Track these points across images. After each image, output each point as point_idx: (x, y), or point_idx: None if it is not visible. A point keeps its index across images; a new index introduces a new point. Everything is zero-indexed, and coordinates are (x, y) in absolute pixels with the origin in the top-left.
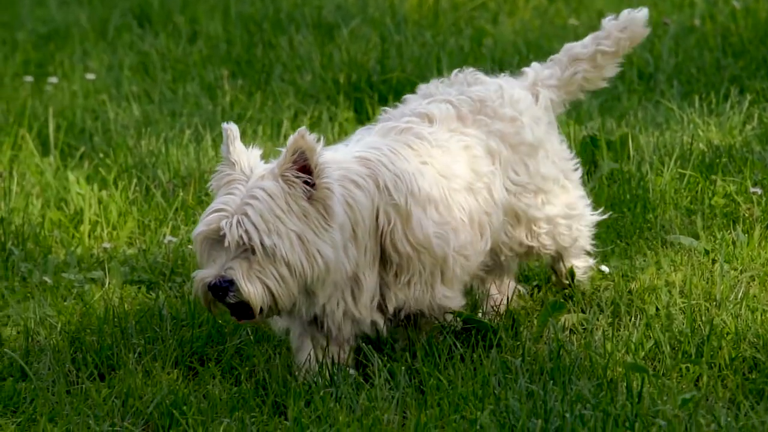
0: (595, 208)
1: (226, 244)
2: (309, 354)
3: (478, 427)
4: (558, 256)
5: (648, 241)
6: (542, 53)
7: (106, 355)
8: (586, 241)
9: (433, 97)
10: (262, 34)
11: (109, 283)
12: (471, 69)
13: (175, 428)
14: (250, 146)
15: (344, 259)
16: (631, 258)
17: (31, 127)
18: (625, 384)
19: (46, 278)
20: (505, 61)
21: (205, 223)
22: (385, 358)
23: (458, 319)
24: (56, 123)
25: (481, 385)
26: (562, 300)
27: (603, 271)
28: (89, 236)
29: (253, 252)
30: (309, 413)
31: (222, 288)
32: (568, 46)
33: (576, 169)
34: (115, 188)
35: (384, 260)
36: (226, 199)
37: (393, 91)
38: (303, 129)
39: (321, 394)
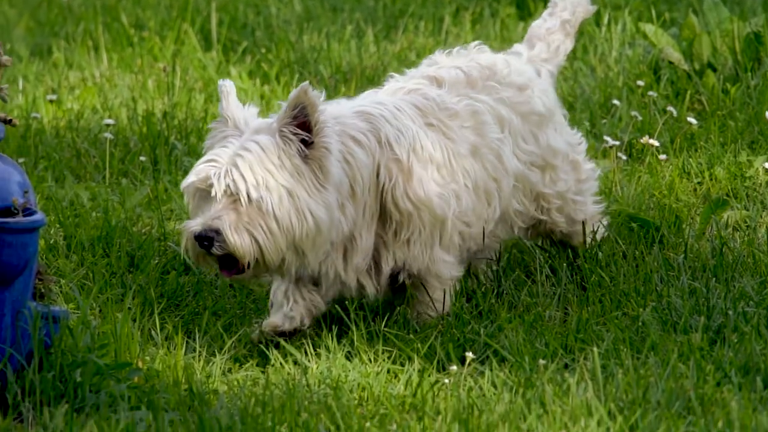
0: (760, 104)
1: (213, 193)
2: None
3: (639, 323)
4: (571, 232)
5: None
6: None
7: None
8: (597, 208)
9: (440, 64)
10: None
11: None
12: (476, 42)
13: (336, 324)
14: (247, 104)
15: (341, 218)
16: None
17: (194, 21)
18: None
19: None
20: None
21: (195, 173)
22: (547, 254)
23: (620, 215)
24: (219, 18)
25: (643, 282)
26: (725, 197)
27: (767, 168)
28: None
29: (242, 204)
30: (470, 309)
31: (208, 238)
32: (535, 24)
33: (581, 143)
34: (277, 83)
35: (383, 218)
36: (219, 152)
37: None
38: (306, 84)
39: (482, 290)
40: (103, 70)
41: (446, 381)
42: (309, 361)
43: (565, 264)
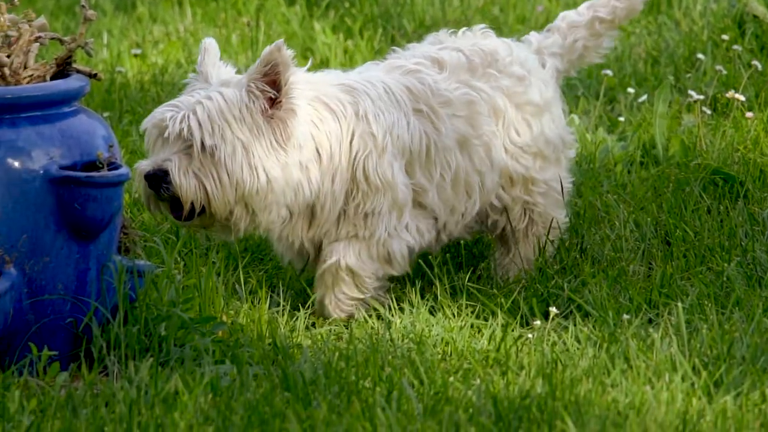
0: None
1: (166, 135)
2: None
3: (724, 278)
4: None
5: None
6: None
7: None
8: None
9: (444, 44)
10: None
11: None
12: (482, 25)
13: (420, 279)
14: (225, 63)
15: (302, 179)
16: None
17: None
18: None
19: None
20: None
21: (152, 115)
22: (631, 208)
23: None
24: None
25: (727, 237)
26: None
27: None
28: None
29: (196, 150)
30: (554, 263)
31: (156, 177)
32: (564, 13)
33: (572, 148)
34: (360, 38)
35: (349, 190)
36: (183, 98)
37: None
38: (280, 42)
39: (566, 244)
40: (187, 24)
41: (530, 336)
42: (392, 315)
43: (649, 219)
